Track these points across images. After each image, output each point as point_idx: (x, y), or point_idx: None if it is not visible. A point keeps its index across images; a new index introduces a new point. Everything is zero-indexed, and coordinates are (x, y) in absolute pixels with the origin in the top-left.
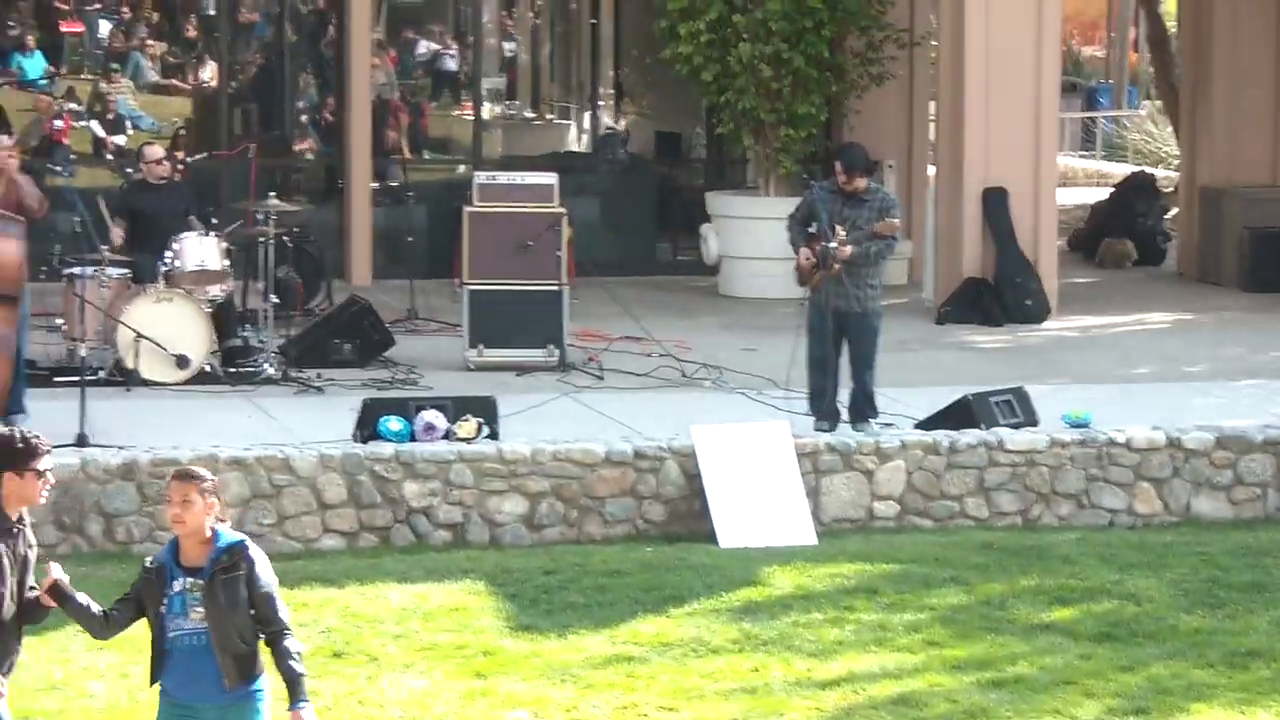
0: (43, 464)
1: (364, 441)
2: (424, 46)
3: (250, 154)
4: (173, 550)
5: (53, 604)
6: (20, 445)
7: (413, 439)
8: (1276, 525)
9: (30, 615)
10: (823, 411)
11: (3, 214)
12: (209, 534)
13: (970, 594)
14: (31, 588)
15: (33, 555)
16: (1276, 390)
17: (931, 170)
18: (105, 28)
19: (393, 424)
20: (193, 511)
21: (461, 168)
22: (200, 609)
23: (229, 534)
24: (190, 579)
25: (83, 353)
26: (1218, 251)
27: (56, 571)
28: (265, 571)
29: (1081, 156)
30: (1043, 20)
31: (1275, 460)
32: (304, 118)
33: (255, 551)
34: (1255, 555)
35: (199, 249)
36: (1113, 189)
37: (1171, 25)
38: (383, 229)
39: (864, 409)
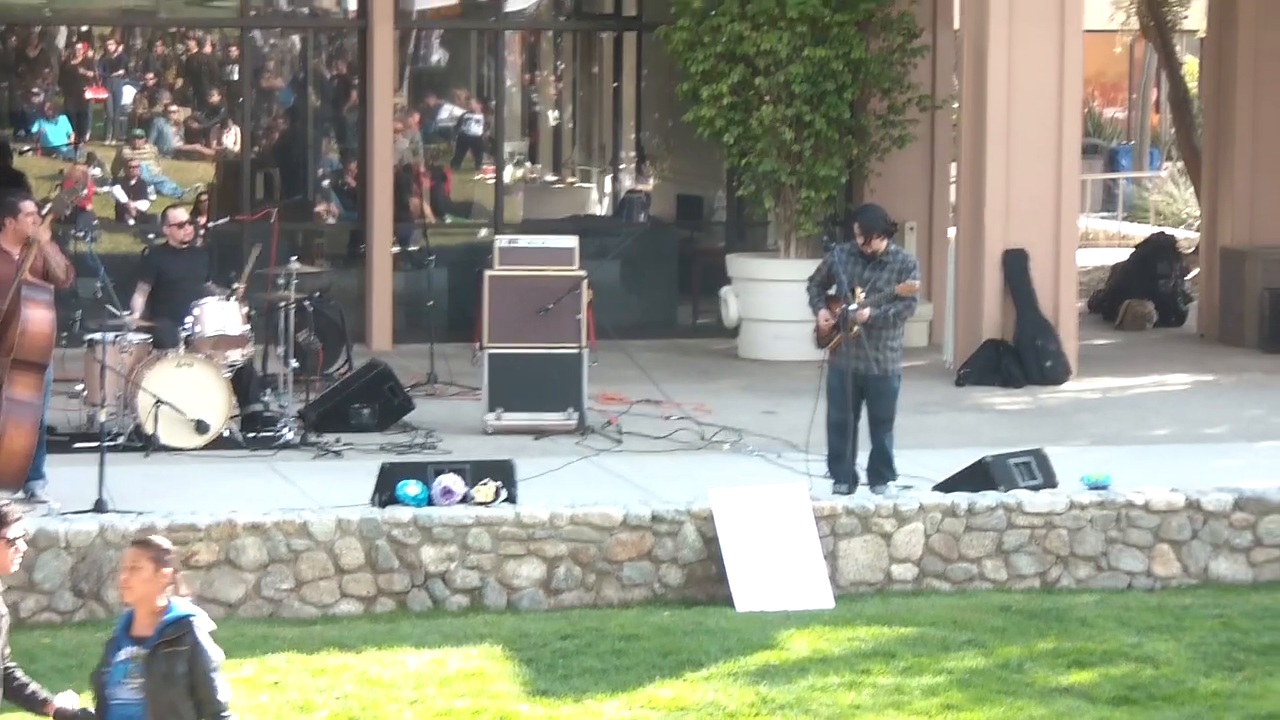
0: (12, 532)
1: (382, 506)
2: (446, 111)
3: (272, 219)
4: (127, 619)
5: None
6: None
7: (430, 503)
8: None
9: (12, 696)
10: (841, 474)
11: (33, 281)
12: (160, 605)
13: (988, 657)
14: (8, 668)
15: (5, 623)
16: None
17: (952, 232)
18: (129, 93)
19: (411, 488)
20: (139, 578)
21: (483, 231)
22: (139, 679)
23: (182, 607)
24: (135, 648)
25: (102, 418)
26: (1238, 312)
27: (65, 700)
28: (209, 649)
29: (1103, 218)
30: (1064, 82)
31: None
32: (326, 182)
33: (202, 627)
34: (1274, 617)
35: (220, 314)
36: (1133, 250)
37: (1193, 86)
38: (403, 293)
39: (883, 471)
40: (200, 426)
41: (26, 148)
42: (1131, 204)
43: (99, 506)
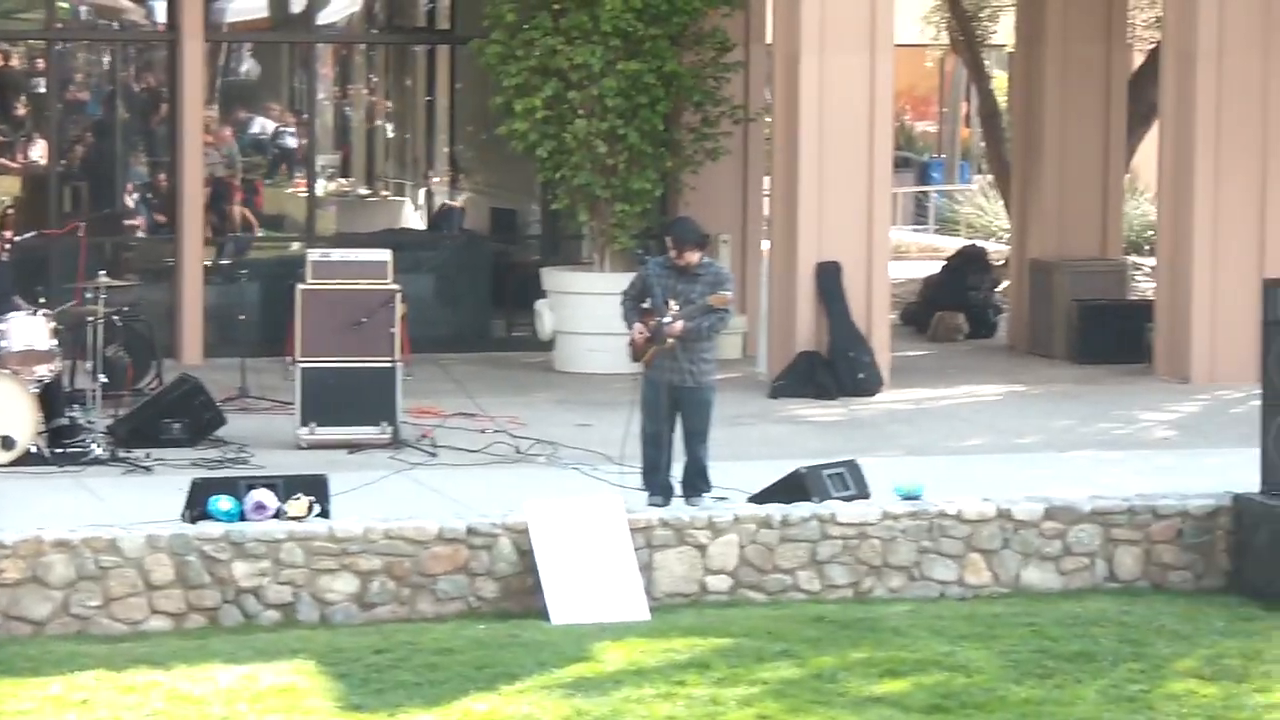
0: None
1: (193, 521)
2: (258, 124)
3: (79, 233)
4: None
5: None
6: None
7: (243, 518)
8: (1104, 595)
9: None
10: (656, 487)
11: None
12: None
13: (802, 667)
14: None
15: None
16: (1105, 461)
17: (765, 244)
18: None
19: (222, 503)
20: None
21: (295, 245)
22: None
23: None
24: None
25: None
26: (1048, 324)
27: None
28: None
29: (914, 230)
30: (875, 96)
31: (1103, 530)
32: (135, 196)
33: None
34: (1084, 625)
35: (26, 329)
36: (945, 262)
37: (1003, 101)
38: (214, 307)
39: (697, 483)
40: (6, 442)
41: None
42: (943, 217)
43: None
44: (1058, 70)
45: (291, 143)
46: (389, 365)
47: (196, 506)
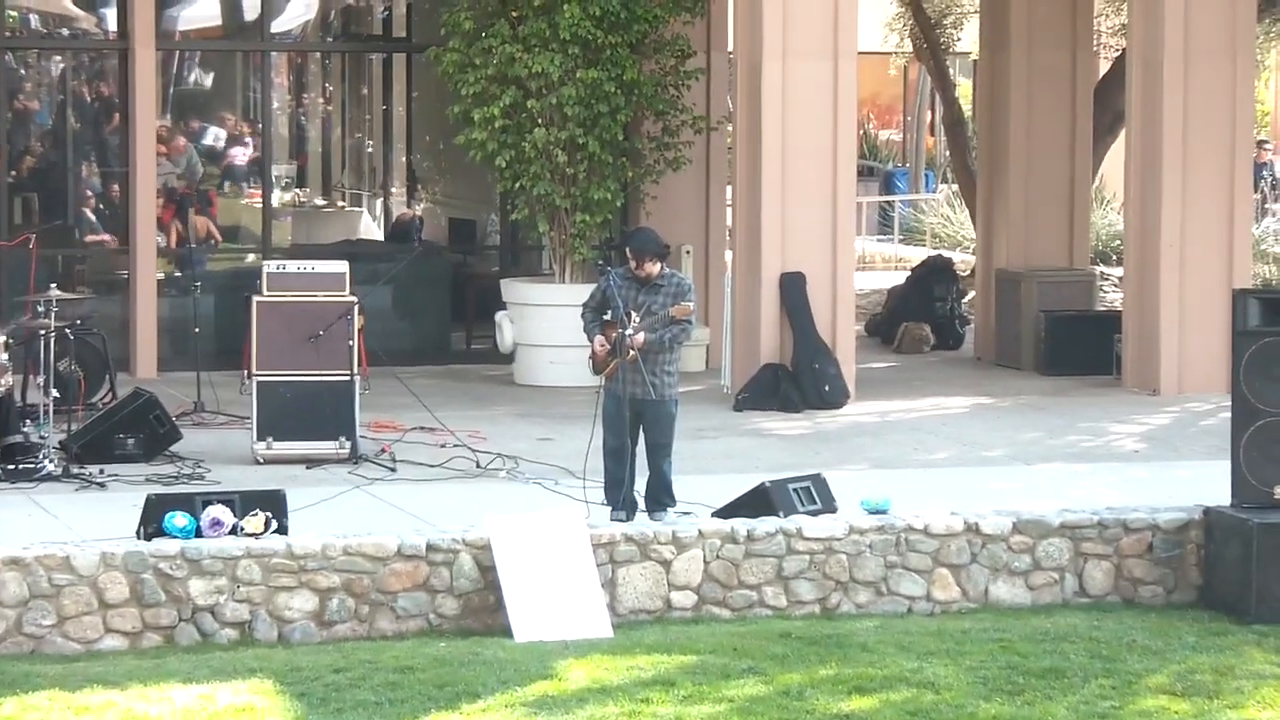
0: None
1: (148, 538)
2: (212, 133)
3: (30, 244)
4: None
5: None
6: None
7: (199, 535)
8: (1074, 610)
9: None
10: (619, 501)
11: None
12: None
13: (769, 684)
14: None
15: None
16: (1074, 474)
17: (729, 255)
18: None
19: (178, 520)
20: None
21: (251, 256)
22: None
23: None
24: None
25: None
26: (1015, 335)
27: None
28: None
29: (879, 240)
30: (839, 105)
31: (1072, 545)
32: (88, 207)
33: None
34: (1053, 641)
35: None
36: (910, 273)
37: (968, 108)
38: (169, 320)
39: (661, 498)
40: None
41: None
42: (908, 227)
43: None
44: (1023, 77)
45: (246, 153)
46: (347, 379)
47: (152, 523)
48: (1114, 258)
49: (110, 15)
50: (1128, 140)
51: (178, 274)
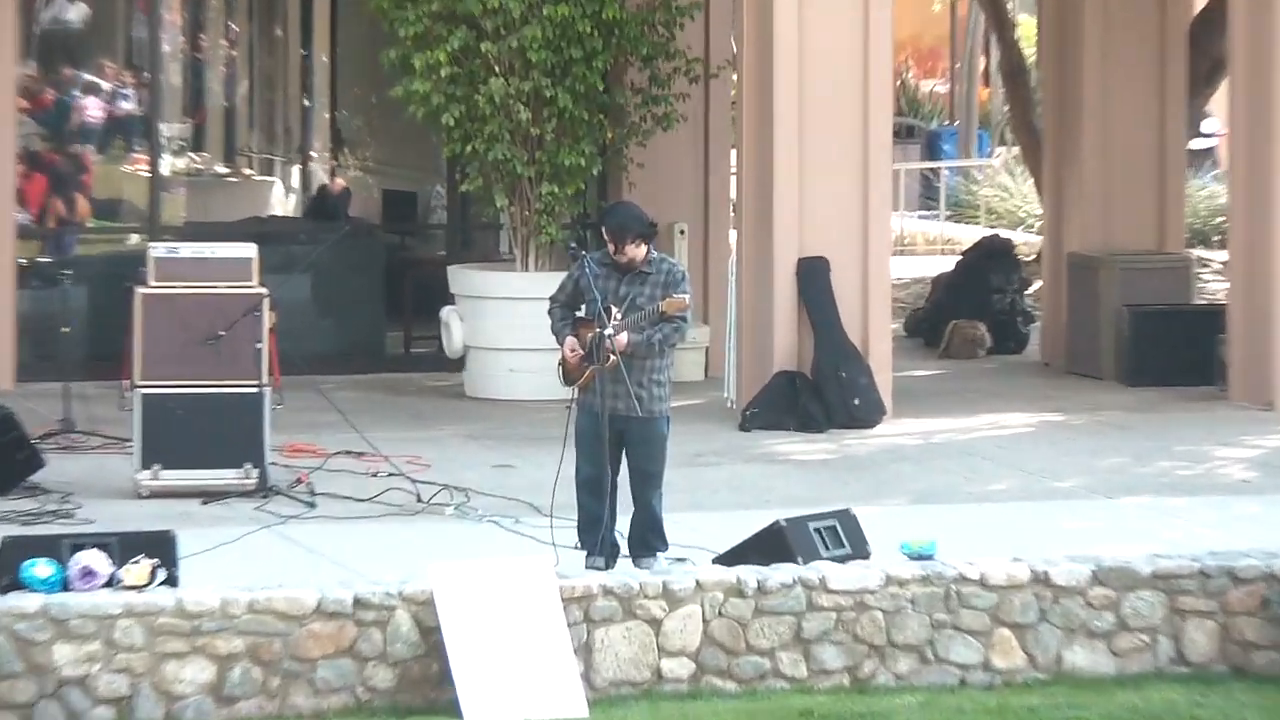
0: None
1: (2, 592)
2: (86, 84)
3: None
4: None
5: None
6: None
7: (66, 588)
8: (1170, 682)
9: None
10: (597, 545)
11: None
12: None
13: None
14: None
15: None
16: (1167, 510)
17: (733, 236)
18: None
19: (40, 569)
20: None
21: (134, 238)
22: None
23: None
24: None
25: None
26: (1091, 335)
27: None
28: None
29: (921, 218)
30: (870, 48)
31: (1167, 599)
32: None
33: None
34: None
35: None
36: (960, 258)
37: (1031, 54)
38: (29, 316)
39: (649, 540)
40: None
41: None
42: (957, 200)
43: None
44: (1098, 14)
45: (129, 109)
46: (254, 391)
47: (6, 574)
48: (1216, 239)
49: None
50: (1230, 93)
51: (42, 259)
